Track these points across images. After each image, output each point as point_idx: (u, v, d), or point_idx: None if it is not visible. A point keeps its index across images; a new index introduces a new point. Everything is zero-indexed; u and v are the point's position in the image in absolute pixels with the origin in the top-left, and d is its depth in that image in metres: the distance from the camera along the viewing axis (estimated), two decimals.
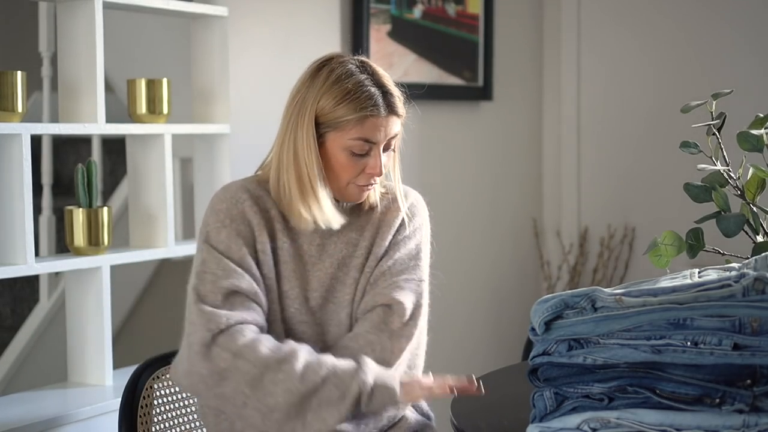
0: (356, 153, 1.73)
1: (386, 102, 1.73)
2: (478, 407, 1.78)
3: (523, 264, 3.99)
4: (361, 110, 1.70)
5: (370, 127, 1.72)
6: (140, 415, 1.88)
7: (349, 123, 1.71)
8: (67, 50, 2.42)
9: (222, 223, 1.76)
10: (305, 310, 1.78)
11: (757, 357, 1.23)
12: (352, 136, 1.72)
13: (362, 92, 1.71)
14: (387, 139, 1.75)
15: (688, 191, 1.83)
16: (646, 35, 3.83)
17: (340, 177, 1.75)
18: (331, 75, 1.73)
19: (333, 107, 1.72)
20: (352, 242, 1.82)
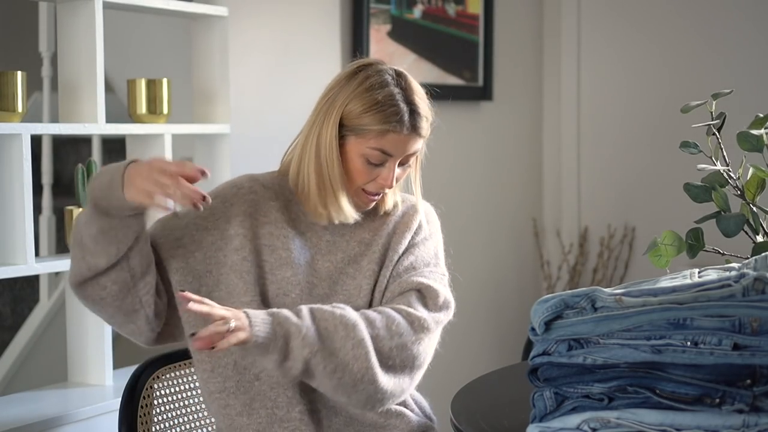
0: (372, 162, 1.75)
1: (411, 121, 1.75)
2: (478, 407, 1.78)
3: (523, 264, 3.99)
4: (384, 123, 1.72)
5: (390, 141, 1.74)
6: (140, 415, 1.88)
7: (371, 133, 1.73)
8: (67, 50, 2.42)
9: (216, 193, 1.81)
10: (308, 296, 1.78)
11: (757, 357, 1.24)
12: (371, 146, 1.74)
13: (390, 106, 1.73)
14: (405, 155, 1.77)
15: (688, 191, 1.83)
16: (646, 35, 3.83)
17: (351, 180, 1.77)
18: (365, 81, 1.75)
19: (359, 114, 1.73)
20: (365, 242, 1.83)
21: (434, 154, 1.98)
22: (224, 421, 1.77)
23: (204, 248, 1.77)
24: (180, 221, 1.80)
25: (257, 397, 1.75)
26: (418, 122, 1.76)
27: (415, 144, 1.77)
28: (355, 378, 1.65)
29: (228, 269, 1.76)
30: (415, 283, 1.78)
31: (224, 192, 1.82)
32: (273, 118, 2.86)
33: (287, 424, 1.74)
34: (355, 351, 1.64)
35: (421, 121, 1.77)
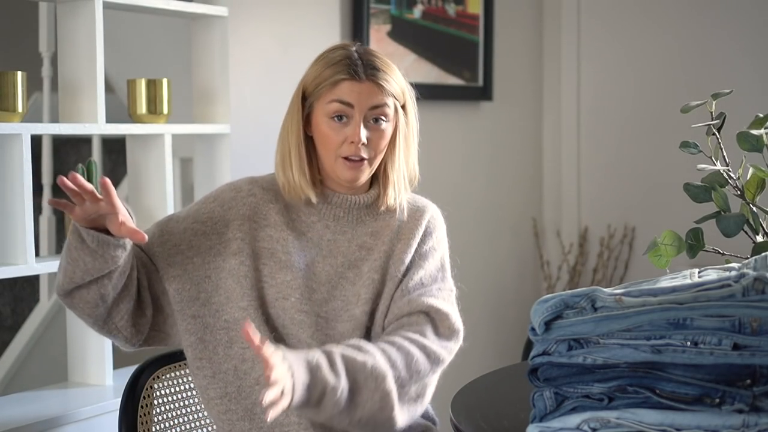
0: (335, 119, 1.75)
1: (366, 70, 1.75)
2: (478, 407, 1.78)
3: (523, 264, 3.99)
4: (337, 74, 1.75)
5: (344, 89, 1.75)
6: (140, 415, 1.88)
7: (326, 86, 1.75)
8: (67, 50, 2.42)
9: (205, 199, 1.83)
10: (307, 301, 1.77)
11: (756, 357, 1.24)
12: (328, 99, 1.75)
13: (342, 58, 1.76)
14: (368, 108, 1.75)
15: (688, 191, 1.83)
16: (646, 35, 3.83)
17: (326, 150, 1.77)
18: (323, 55, 1.80)
19: (315, 75, 1.77)
20: (366, 246, 1.81)
21: (435, 154, 1.98)
22: (225, 426, 1.77)
23: (202, 253, 1.77)
24: (178, 225, 1.80)
25: (258, 402, 1.75)
26: (375, 73, 1.76)
27: (377, 96, 1.76)
28: (377, 423, 1.67)
29: (226, 273, 1.76)
30: (425, 306, 1.76)
31: (223, 195, 1.82)
32: (273, 118, 2.85)
33: (287, 428, 1.74)
34: (382, 403, 1.65)
35: (377, 72, 1.76)
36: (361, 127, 1.75)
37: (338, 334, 1.77)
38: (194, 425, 1.99)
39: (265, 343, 1.50)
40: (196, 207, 1.82)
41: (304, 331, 1.76)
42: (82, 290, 1.71)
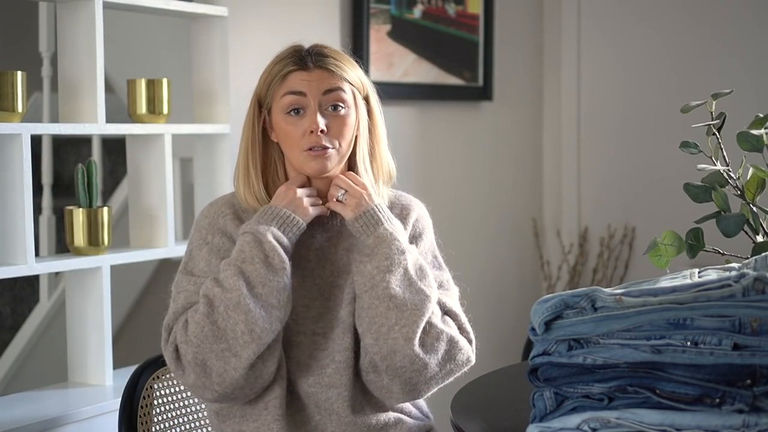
0: (291, 112, 1.73)
1: (313, 58, 1.75)
2: (478, 407, 1.78)
3: (523, 264, 3.99)
4: (284, 67, 1.75)
5: (295, 80, 1.74)
6: (140, 415, 1.88)
7: (277, 82, 1.75)
8: (67, 50, 2.42)
9: (204, 239, 1.78)
10: (303, 321, 1.76)
11: (757, 357, 1.24)
12: (281, 94, 1.74)
13: (289, 53, 1.77)
14: (320, 93, 1.74)
15: (688, 191, 1.83)
16: (646, 35, 3.83)
17: (289, 147, 1.76)
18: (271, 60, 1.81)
19: (264, 79, 1.78)
20: (350, 248, 1.80)
21: (434, 154, 1.98)
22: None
23: None
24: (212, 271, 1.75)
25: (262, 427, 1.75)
26: (321, 59, 1.75)
27: (329, 80, 1.74)
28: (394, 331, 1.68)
29: None
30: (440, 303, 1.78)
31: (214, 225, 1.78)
32: None
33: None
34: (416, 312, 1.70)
35: (325, 59, 1.76)
36: (318, 115, 1.73)
37: (332, 344, 1.76)
38: (194, 425, 1.99)
39: None
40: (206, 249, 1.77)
41: (302, 352, 1.76)
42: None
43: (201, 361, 1.64)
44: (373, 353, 1.70)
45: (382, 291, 1.69)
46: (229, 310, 1.63)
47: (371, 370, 1.74)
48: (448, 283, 1.85)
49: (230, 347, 1.63)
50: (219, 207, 1.80)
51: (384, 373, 1.71)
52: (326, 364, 1.75)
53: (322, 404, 1.75)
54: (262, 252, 1.66)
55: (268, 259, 1.66)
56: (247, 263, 1.66)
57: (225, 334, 1.63)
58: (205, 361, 1.64)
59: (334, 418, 1.74)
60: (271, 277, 1.65)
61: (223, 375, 1.64)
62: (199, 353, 1.64)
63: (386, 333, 1.68)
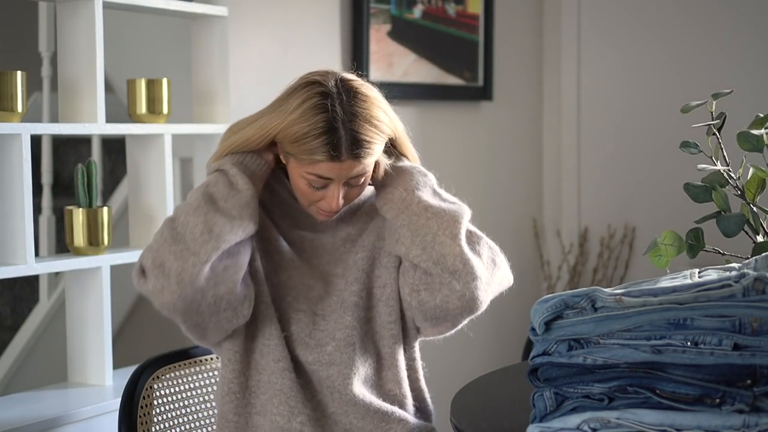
0: (314, 186, 1.72)
1: (348, 148, 1.67)
2: (478, 407, 1.78)
3: (523, 264, 3.99)
4: (314, 154, 1.67)
5: (324, 169, 1.68)
6: (140, 415, 1.88)
7: (305, 160, 1.69)
8: (67, 50, 2.42)
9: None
10: (303, 299, 1.78)
11: (757, 357, 1.23)
12: (307, 171, 1.70)
13: (320, 136, 1.66)
14: (347, 178, 1.71)
15: (688, 191, 1.83)
16: (646, 35, 3.83)
17: (302, 199, 1.76)
18: (301, 105, 1.69)
19: (291, 142, 1.69)
20: (350, 239, 1.83)
21: (434, 155, 1.98)
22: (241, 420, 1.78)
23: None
24: None
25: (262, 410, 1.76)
26: (355, 148, 1.67)
27: (357, 167, 1.69)
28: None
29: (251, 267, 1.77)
30: None
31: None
32: None
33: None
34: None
35: (360, 147, 1.67)
36: (339, 196, 1.72)
37: (332, 323, 1.78)
38: (194, 425, 1.99)
39: None
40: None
41: (301, 329, 1.78)
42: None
43: (160, 263, 1.65)
44: (423, 262, 1.73)
45: (417, 206, 1.75)
46: (188, 215, 1.67)
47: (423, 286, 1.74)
48: None
49: (188, 247, 1.64)
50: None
51: (438, 278, 1.72)
52: (326, 342, 1.77)
53: (324, 381, 1.77)
54: (226, 177, 1.72)
55: (231, 181, 1.71)
56: (211, 186, 1.72)
57: (184, 236, 1.65)
58: (164, 262, 1.64)
59: (335, 396, 1.77)
60: (234, 193, 1.69)
61: (182, 273, 1.63)
62: (157, 257, 1.65)
63: (432, 239, 1.73)
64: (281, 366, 1.75)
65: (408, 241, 1.74)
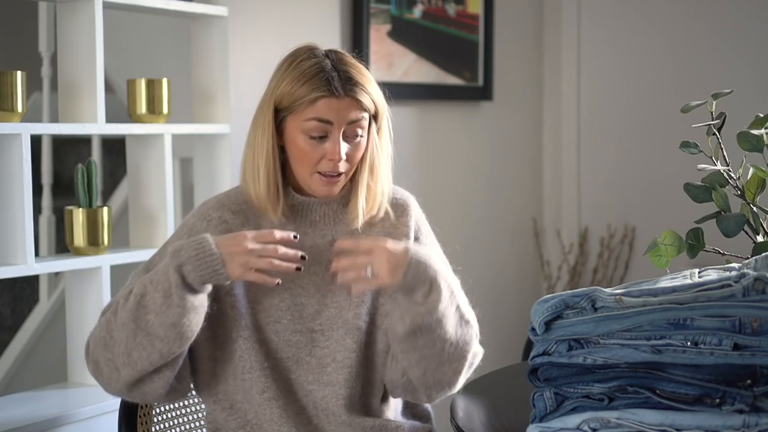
0: (313, 136, 1.69)
1: (343, 85, 1.68)
2: (478, 407, 1.78)
3: (523, 264, 3.99)
4: (314, 90, 1.67)
5: (323, 107, 1.68)
6: (140, 415, 1.88)
7: (303, 104, 1.68)
8: (67, 50, 2.42)
9: (178, 236, 1.77)
10: (299, 319, 1.75)
11: (757, 357, 1.23)
12: (306, 117, 1.68)
13: (317, 72, 1.68)
14: (346, 124, 1.70)
15: (688, 191, 1.83)
16: (647, 35, 3.83)
17: (302, 165, 1.72)
18: (292, 63, 1.72)
19: (289, 91, 1.69)
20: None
21: (434, 154, 1.98)
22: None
23: None
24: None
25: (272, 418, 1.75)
26: (352, 87, 1.68)
27: (355, 112, 1.69)
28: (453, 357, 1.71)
29: (222, 303, 1.74)
30: None
31: (195, 228, 1.76)
32: None
33: None
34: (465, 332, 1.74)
35: (356, 87, 1.69)
36: (340, 144, 1.70)
37: (333, 343, 1.76)
38: (194, 425, 1.99)
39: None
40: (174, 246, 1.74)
41: (300, 350, 1.76)
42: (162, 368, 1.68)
43: (95, 360, 1.70)
44: (415, 381, 1.72)
45: (438, 335, 1.68)
46: (120, 326, 1.65)
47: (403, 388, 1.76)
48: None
49: (114, 360, 1.67)
50: (208, 209, 1.78)
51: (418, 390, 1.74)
52: (327, 363, 1.75)
53: (319, 403, 1.75)
54: (168, 281, 1.62)
55: (170, 291, 1.62)
56: (153, 285, 1.64)
57: (113, 346, 1.66)
58: (98, 361, 1.69)
59: (331, 419, 1.75)
60: (164, 309, 1.62)
61: (109, 382, 1.69)
62: (94, 352, 1.69)
63: (435, 368, 1.70)
64: (267, 396, 1.73)
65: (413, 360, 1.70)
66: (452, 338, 1.69)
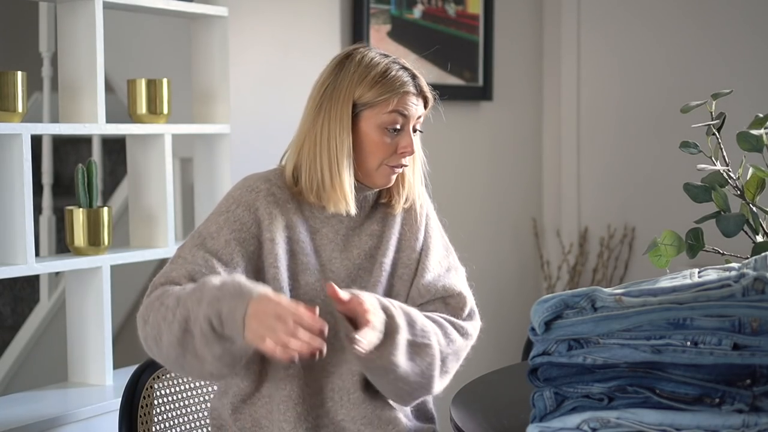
0: (390, 129, 1.77)
1: (415, 82, 1.80)
2: (478, 407, 1.78)
3: (523, 264, 3.99)
4: (398, 87, 1.77)
5: (405, 102, 1.78)
6: (140, 415, 1.88)
7: (389, 98, 1.77)
8: (67, 50, 2.42)
9: (227, 208, 1.77)
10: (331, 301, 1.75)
11: (756, 357, 1.24)
12: (389, 110, 1.76)
13: (395, 72, 1.79)
14: (416, 118, 1.81)
15: (688, 191, 1.83)
16: (646, 35, 3.83)
17: (373, 157, 1.78)
18: (362, 61, 1.80)
19: (369, 88, 1.77)
20: (375, 234, 1.84)
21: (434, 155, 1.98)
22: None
23: (247, 260, 1.74)
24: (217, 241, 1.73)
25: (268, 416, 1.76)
26: (421, 84, 1.82)
27: (422, 108, 1.82)
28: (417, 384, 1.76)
29: (268, 277, 1.75)
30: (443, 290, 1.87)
31: (244, 198, 1.77)
32: (273, 118, 2.87)
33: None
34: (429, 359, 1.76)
35: (423, 84, 1.82)
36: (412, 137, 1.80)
37: None
38: (194, 425, 1.99)
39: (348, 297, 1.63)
40: (224, 217, 1.76)
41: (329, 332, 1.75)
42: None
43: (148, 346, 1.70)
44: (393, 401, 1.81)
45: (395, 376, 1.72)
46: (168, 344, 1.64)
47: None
48: (455, 262, 1.94)
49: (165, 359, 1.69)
50: (254, 181, 1.80)
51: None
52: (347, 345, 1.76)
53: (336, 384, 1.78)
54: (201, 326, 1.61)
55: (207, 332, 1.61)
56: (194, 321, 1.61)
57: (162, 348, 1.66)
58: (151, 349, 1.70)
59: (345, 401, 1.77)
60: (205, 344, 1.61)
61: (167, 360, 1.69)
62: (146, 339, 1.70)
63: (408, 394, 1.78)
64: (290, 373, 1.75)
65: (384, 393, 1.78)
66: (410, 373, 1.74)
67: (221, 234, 1.74)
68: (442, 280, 1.87)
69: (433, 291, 1.85)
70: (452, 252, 1.96)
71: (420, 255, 1.87)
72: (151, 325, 1.67)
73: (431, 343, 1.77)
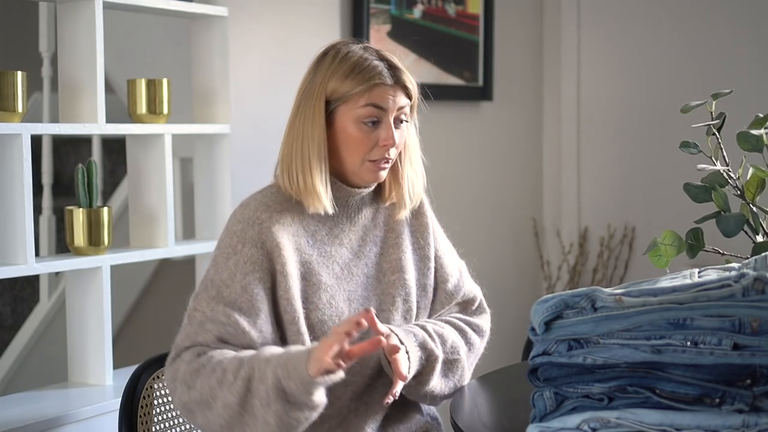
0: (367, 123, 1.74)
1: (392, 73, 1.76)
2: (478, 407, 1.78)
3: (523, 264, 3.99)
4: (369, 79, 1.73)
5: (378, 94, 1.74)
6: (140, 415, 1.88)
7: (358, 93, 1.73)
8: (67, 50, 2.42)
9: (233, 248, 1.71)
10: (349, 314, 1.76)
11: (756, 357, 1.24)
12: (362, 104, 1.73)
13: (366, 63, 1.75)
14: (396, 110, 1.76)
15: (688, 191, 1.83)
16: (646, 35, 3.83)
17: (354, 154, 1.75)
18: (336, 55, 1.77)
19: (341, 82, 1.74)
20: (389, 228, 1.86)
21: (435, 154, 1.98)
22: None
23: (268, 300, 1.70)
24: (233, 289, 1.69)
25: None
26: (399, 74, 1.77)
27: (402, 98, 1.77)
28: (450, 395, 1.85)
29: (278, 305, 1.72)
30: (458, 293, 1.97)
31: (248, 233, 1.71)
32: (273, 118, 2.86)
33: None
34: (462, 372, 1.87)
35: (402, 74, 1.77)
36: (392, 130, 1.76)
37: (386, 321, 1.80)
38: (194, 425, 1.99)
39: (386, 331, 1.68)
40: (233, 261, 1.70)
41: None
42: None
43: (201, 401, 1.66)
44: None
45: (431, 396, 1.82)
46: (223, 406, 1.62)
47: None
48: (459, 259, 2.00)
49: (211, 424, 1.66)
50: (253, 212, 1.74)
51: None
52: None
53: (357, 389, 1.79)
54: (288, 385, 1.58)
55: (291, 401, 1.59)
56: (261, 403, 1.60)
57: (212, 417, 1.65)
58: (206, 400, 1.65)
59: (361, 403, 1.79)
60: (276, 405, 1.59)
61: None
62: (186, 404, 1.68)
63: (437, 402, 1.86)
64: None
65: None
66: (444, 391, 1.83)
67: (235, 281, 1.68)
68: (460, 285, 1.96)
69: (453, 300, 1.94)
70: (452, 247, 2.00)
71: (436, 263, 1.91)
72: (200, 390, 1.63)
73: (461, 357, 1.85)
